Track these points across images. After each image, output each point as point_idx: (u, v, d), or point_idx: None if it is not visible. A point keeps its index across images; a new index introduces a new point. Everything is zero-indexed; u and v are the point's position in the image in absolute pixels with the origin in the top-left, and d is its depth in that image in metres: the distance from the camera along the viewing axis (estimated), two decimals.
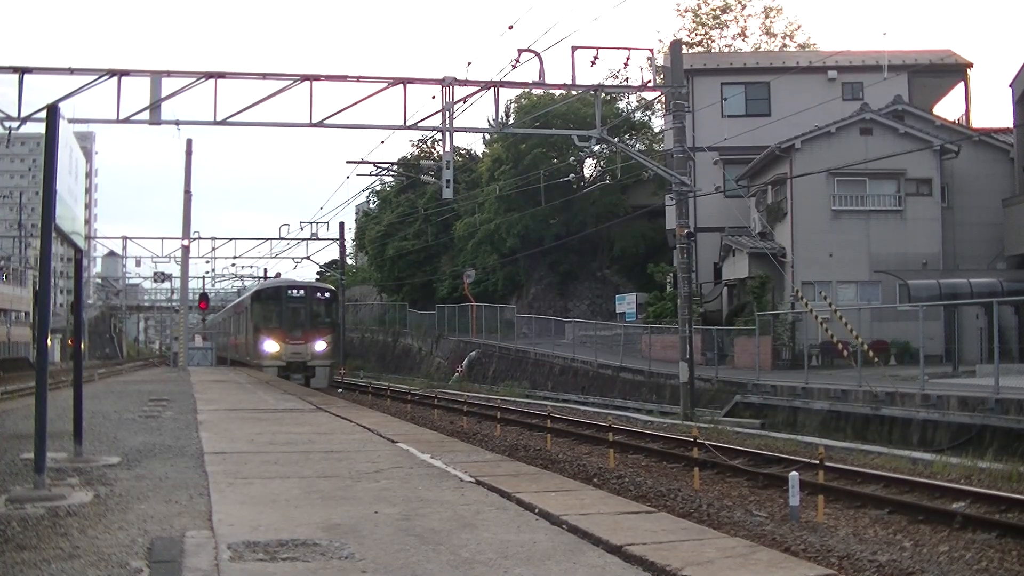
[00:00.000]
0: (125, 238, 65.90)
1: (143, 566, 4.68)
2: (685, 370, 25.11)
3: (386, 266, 63.42)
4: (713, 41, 60.21)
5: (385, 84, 23.30)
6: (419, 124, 24.93)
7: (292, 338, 36.67)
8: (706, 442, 16.67)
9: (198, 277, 71.60)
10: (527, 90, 43.43)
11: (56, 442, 8.87)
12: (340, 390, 37.09)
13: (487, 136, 53.84)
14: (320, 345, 37.12)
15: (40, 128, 8.95)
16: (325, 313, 38.64)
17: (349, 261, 68.86)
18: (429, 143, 57.28)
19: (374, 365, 56.93)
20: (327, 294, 39.73)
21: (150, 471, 8.05)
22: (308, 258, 64.07)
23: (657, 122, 50.46)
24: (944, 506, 11.90)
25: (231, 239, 63.89)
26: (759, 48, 58.13)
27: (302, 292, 38.68)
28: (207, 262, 69.56)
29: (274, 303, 38.18)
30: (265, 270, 64.87)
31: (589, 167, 53.85)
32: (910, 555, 9.88)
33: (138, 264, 77.12)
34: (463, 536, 5.29)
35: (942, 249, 33.20)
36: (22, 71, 22.24)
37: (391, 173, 54.42)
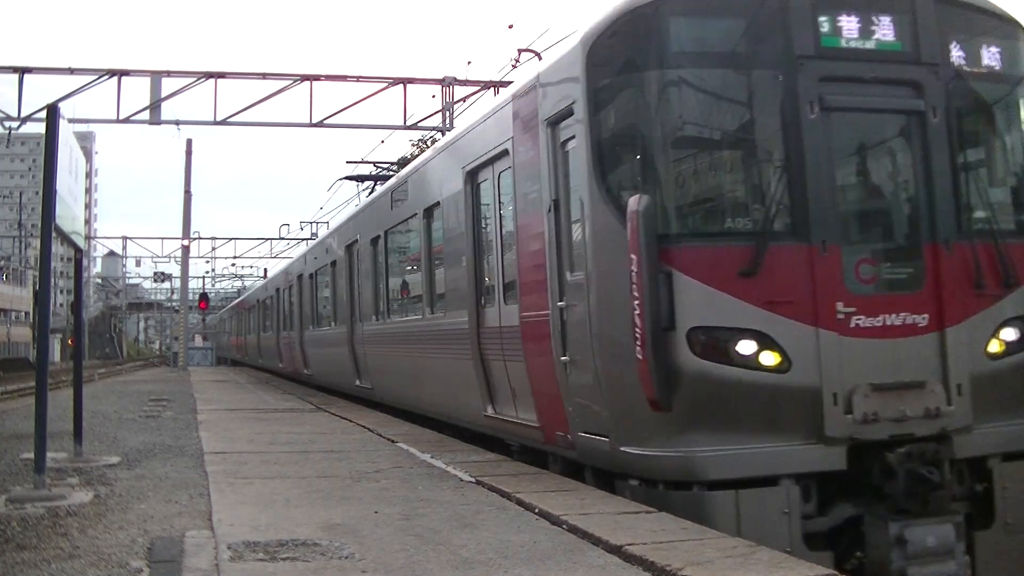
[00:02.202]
0: (125, 238, 65.93)
1: (143, 566, 4.68)
2: None
3: None
4: None
5: (385, 84, 23.34)
6: (419, 124, 25.01)
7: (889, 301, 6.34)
8: None
9: (198, 277, 71.52)
10: None
11: (56, 442, 8.86)
12: None
13: None
14: None
15: (40, 128, 8.95)
16: None
17: None
18: (429, 143, 57.25)
19: None
20: None
21: (150, 471, 8.04)
22: None
23: None
24: None
25: (231, 239, 63.82)
26: None
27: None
28: (207, 262, 69.45)
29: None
30: (265, 270, 64.89)
31: None
32: None
33: (138, 264, 76.89)
34: (463, 536, 5.29)
35: None
36: (22, 71, 22.27)
37: (391, 173, 54.40)
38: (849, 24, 6.48)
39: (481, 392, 9.08)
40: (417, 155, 21.60)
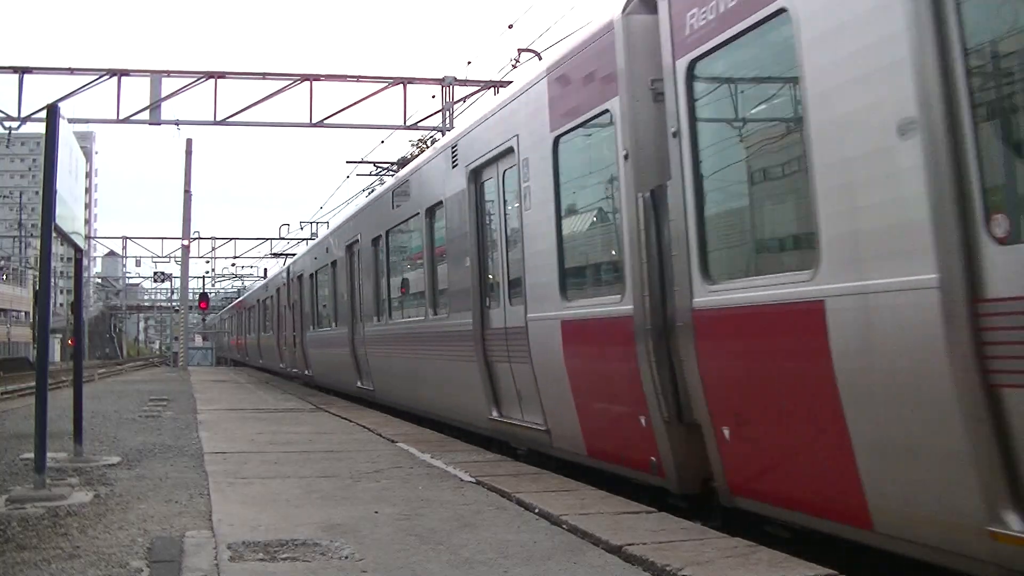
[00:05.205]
0: (125, 238, 65.95)
1: (143, 566, 4.68)
2: None
3: None
4: None
5: (385, 84, 23.36)
6: (419, 124, 25.01)
7: None
8: None
9: (198, 277, 71.61)
10: None
11: (56, 442, 8.86)
12: None
13: None
14: None
15: (40, 128, 8.95)
16: None
17: None
18: (429, 143, 57.23)
19: None
20: None
21: (150, 471, 8.04)
22: None
23: None
24: None
25: (231, 239, 63.77)
26: None
27: None
28: (207, 262, 69.54)
29: None
30: (265, 270, 64.83)
31: None
32: None
33: (138, 264, 77.20)
34: (463, 536, 5.29)
35: None
36: (22, 71, 22.29)
37: (391, 173, 54.36)
38: None
39: None
40: (417, 156, 17.94)
